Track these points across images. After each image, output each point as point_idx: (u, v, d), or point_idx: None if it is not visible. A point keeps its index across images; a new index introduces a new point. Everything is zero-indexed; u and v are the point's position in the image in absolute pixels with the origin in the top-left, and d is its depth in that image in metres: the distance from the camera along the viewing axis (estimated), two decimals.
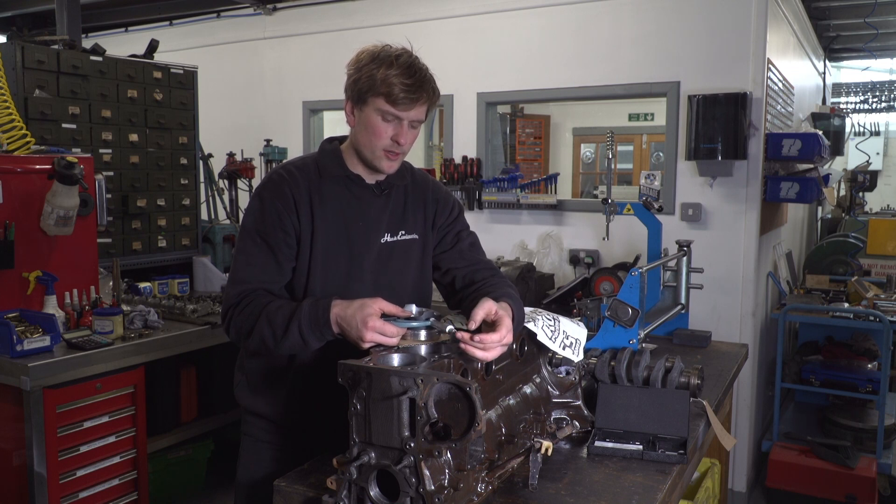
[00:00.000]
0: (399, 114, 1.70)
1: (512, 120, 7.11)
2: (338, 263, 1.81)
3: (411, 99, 1.69)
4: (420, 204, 1.94)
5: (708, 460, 2.62)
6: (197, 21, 5.72)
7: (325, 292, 1.76)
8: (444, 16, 4.56)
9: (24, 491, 2.77)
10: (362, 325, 1.51)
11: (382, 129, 1.72)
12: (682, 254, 3.02)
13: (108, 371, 2.95)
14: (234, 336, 1.76)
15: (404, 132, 1.74)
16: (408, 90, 1.68)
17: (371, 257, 1.84)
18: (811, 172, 4.08)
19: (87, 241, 3.29)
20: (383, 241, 1.86)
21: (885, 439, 3.89)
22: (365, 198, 1.85)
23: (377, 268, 1.86)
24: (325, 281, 1.80)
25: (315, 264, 1.79)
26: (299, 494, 1.53)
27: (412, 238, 1.92)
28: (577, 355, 1.81)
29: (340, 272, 1.81)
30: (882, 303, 4.14)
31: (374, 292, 1.72)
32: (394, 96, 1.67)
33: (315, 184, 1.80)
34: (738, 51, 3.73)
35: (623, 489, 1.58)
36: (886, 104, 7.57)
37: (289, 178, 1.79)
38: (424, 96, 1.71)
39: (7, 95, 3.23)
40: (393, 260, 1.88)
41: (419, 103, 1.71)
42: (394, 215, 1.89)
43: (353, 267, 1.82)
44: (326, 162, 1.84)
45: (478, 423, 1.26)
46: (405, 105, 1.69)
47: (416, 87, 1.68)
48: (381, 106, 1.70)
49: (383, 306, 1.54)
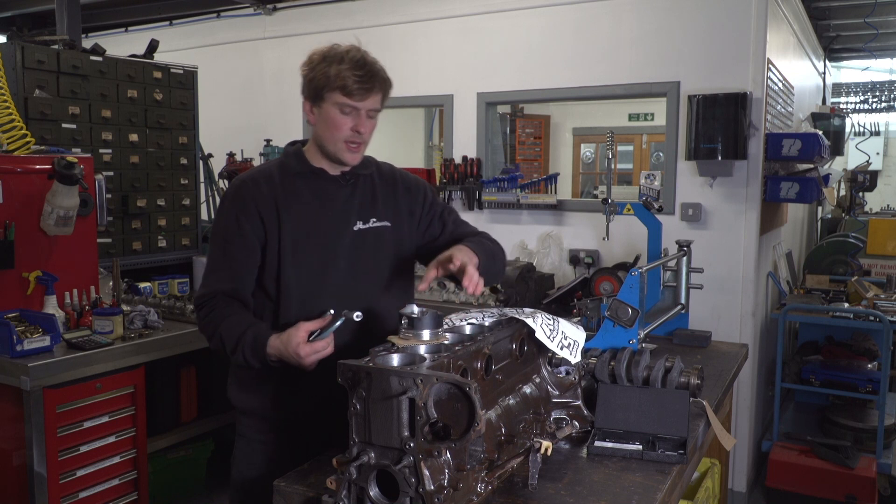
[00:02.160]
0: (355, 104, 1.81)
1: (512, 120, 7.11)
2: (309, 255, 1.89)
3: (365, 89, 1.80)
4: (390, 193, 2.02)
5: (708, 460, 2.62)
6: (197, 21, 5.72)
7: (300, 284, 1.87)
8: (445, 16, 4.56)
9: (24, 491, 2.77)
10: (297, 356, 1.69)
11: (342, 122, 1.83)
12: (682, 254, 3.02)
13: (108, 371, 2.95)
14: (203, 334, 1.91)
15: (363, 122, 1.84)
16: (360, 81, 1.79)
17: (344, 245, 1.92)
18: (811, 172, 4.08)
19: (87, 241, 3.29)
20: (356, 229, 1.93)
21: (885, 439, 3.88)
22: (330, 189, 1.93)
23: (352, 255, 1.93)
24: (298, 273, 1.88)
25: (285, 258, 1.87)
26: (299, 494, 1.53)
27: (384, 225, 1.99)
28: (574, 356, 1.81)
29: (313, 263, 1.89)
30: (882, 303, 4.14)
31: (351, 278, 1.91)
32: (348, 89, 1.78)
33: (279, 184, 1.89)
34: (738, 51, 3.73)
35: (623, 489, 1.58)
36: (886, 104, 7.57)
37: (249, 183, 1.89)
38: (377, 86, 1.83)
39: (7, 95, 3.23)
40: (367, 247, 1.95)
41: (373, 93, 1.82)
42: (363, 204, 1.96)
43: (327, 256, 1.90)
44: (289, 162, 1.94)
45: (477, 423, 1.26)
46: (360, 95, 1.80)
47: (367, 78, 1.80)
48: (338, 100, 1.80)
49: (307, 328, 1.71)
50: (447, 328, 1.64)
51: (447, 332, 1.59)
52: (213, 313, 1.85)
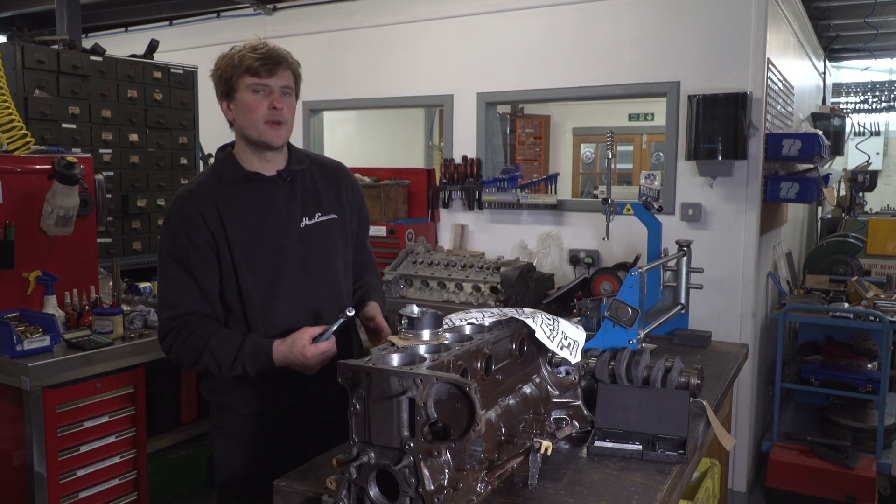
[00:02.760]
0: (265, 81, 1.85)
1: (512, 120, 7.12)
2: (262, 258, 1.90)
3: (270, 65, 1.85)
4: (333, 186, 2.05)
5: (708, 460, 2.62)
6: (197, 21, 5.71)
7: (257, 288, 1.88)
8: (445, 16, 4.56)
9: (24, 491, 2.77)
10: (303, 358, 1.75)
11: (256, 102, 1.86)
12: (682, 254, 3.02)
13: (108, 371, 2.95)
14: (177, 362, 1.91)
15: (278, 97, 1.87)
16: (264, 58, 1.85)
17: (293, 244, 1.93)
18: (811, 172, 4.08)
19: (87, 241, 3.29)
20: (303, 226, 1.96)
21: (885, 439, 3.88)
22: (269, 191, 1.94)
23: (303, 252, 1.94)
24: (254, 277, 1.89)
25: (240, 265, 1.88)
26: (299, 494, 1.53)
27: (331, 218, 2.01)
28: (574, 356, 1.81)
29: (266, 266, 1.90)
30: (882, 303, 4.14)
31: (305, 275, 1.93)
32: (254, 69, 1.84)
33: (217, 193, 1.90)
34: (738, 51, 3.73)
35: (623, 489, 1.58)
36: (886, 104, 7.57)
37: (189, 197, 1.90)
38: (283, 62, 1.88)
39: (7, 95, 3.23)
40: (317, 241, 1.97)
41: (280, 68, 1.87)
42: (306, 200, 1.98)
43: (279, 257, 1.92)
44: (223, 169, 1.95)
45: (477, 423, 1.26)
46: (267, 71, 1.85)
47: (269, 55, 1.86)
48: (247, 82, 1.86)
49: (311, 333, 1.77)
50: (447, 328, 1.64)
51: (447, 332, 1.59)
52: (192, 336, 1.83)
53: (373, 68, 4.86)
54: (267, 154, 1.94)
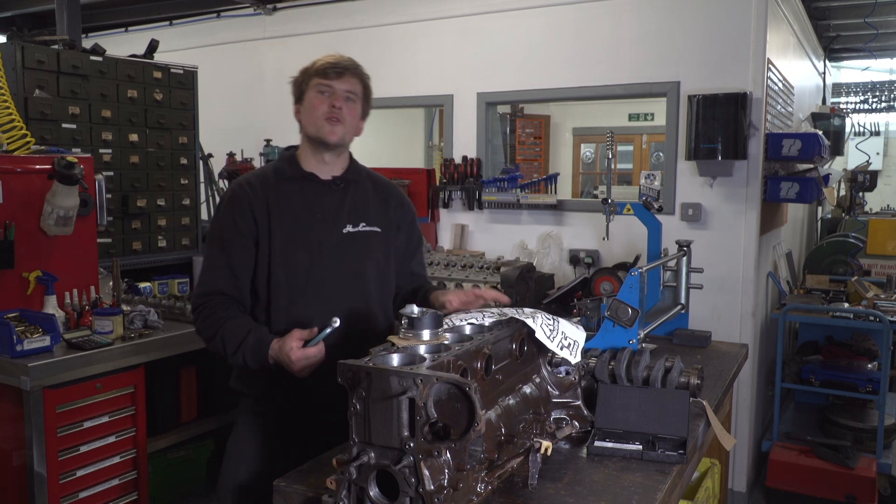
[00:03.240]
0: (331, 83, 1.97)
1: (512, 120, 7.11)
2: (298, 255, 1.98)
3: (338, 70, 1.98)
4: (382, 203, 2.14)
5: (708, 460, 2.62)
6: (197, 21, 5.71)
7: (288, 282, 1.96)
8: (445, 16, 4.56)
9: (24, 491, 2.77)
10: (289, 360, 1.79)
11: (319, 101, 1.98)
12: (682, 254, 3.02)
13: (108, 371, 2.95)
14: (200, 336, 2.00)
15: (339, 98, 1.98)
16: (334, 64, 1.99)
17: (332, 246, 2.00)
18: (811, 172, 4.08)
19: (87, 241, 3.29)
20: (345, 232, 2.03)
21: (885, 439, 3.88)
22: (320, 192, 2.04)
23: (340, 256, 2.02)
24: (287, 272, 1.97)
25: (275, 258, 1.97)
26: (299, 494, 1.53)
27: (373, 230, 2.08)
28: (574, 357, 1.81)
29: (301, 262, 1.98)
30: (882, 303, 4.14)
31: (337, 278, 2.00)
32: (323, 71, 1.98)
33: (272, 187, 2.01)
34: (737, 51, 3.72)
35: (623, 489, 1.58)
36: (886, 104, 7.57)
37: (245, 186, 2.01)
38: (351, 68, 2.01)
39: (7, 95, 3.23)
40: (355, 249, 2.04)
41: (347, 74, 1.99)
42: (354, 208, 2.06)
43: (315, 257, 1.99)
44: (282, 166, 2.05)
45: (477, 423, 1.26)
46: (335, 75, 1.97)
47: (340, 62, 2.00)
48: (315, 84, 1.98)
49: (300, 335, 1.81)
50: (447, 328, 1.64)
51: (447, 332, 1.59)
52: (213, 316, 1.94)
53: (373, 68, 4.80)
54: (325, 155, 2.03)
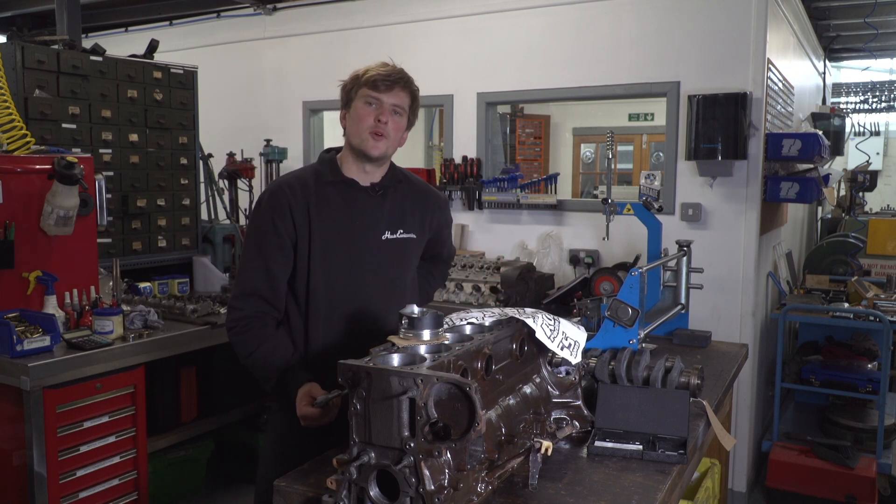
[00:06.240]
0: (379, 96, 1.94)
1: (512, 120, 7.11)
2: (337, 260, 1.98)
3: (389, 83, 1.94)
4: (420, 208, 2.12)
5: (708, 460, 2.62)
6: (197, 21, 5.71)
7: (327, 287, 1.96)
8: (445, 16, 4.56)
9: (24, 491, 2.77)
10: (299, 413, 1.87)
11: (366, 113, 1.95)
12: (682, 254, 3.02)
13: (108, 371, 2.95)
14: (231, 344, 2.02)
15: (385, 112, 1.95)
16: (384, 76, 1.94)
17: (372, 253, 2.01)
18: (811, 172, 4.08)
19: (87, 241, 3.28)
20: (384, 238, 2.04)
21: (885, 439, 3.88)
22: (361, 199, 2.02)
23: (380, 262, 2.02)
24: (326, 277, 1.97)
25: (315, 262, 1.96)
26: (299, 494, 1.53)
27: (410, 237, 2.09)
28: (574, 357, 1.80)
29: (341, 268, 1.98)
30: (882, 303, 4.14)
31: (375, 284, 2.01)
32: (373, 82, 1.93)
33: (312, 190, 1.99)
34: (737, 51, 3.73)
35: (623, 489, 1.58)
36: (886, 104, 7.56)
37: (284, 188, 1.99)
38: (402, 82, 1.97)
39: (7, 95, 3.23)
40: (393, 255, 2.05)
41: (397, 87, 1.95)
42: (392, 214, 2.06)
43: (354, 262, 2.00)
44: (323, 169, 2.03)
45: (478, 423, 1.26)
46: (385, 88, 1.93)
47: (391, 74, 1.96)
48: (364, 94, 1.95)
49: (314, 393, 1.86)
50: (447, 328, 1.64)
51: (447, 332, 1.59)
52: (248, 334, 1.96)
53: None
54: (366, 165, 2.01)
